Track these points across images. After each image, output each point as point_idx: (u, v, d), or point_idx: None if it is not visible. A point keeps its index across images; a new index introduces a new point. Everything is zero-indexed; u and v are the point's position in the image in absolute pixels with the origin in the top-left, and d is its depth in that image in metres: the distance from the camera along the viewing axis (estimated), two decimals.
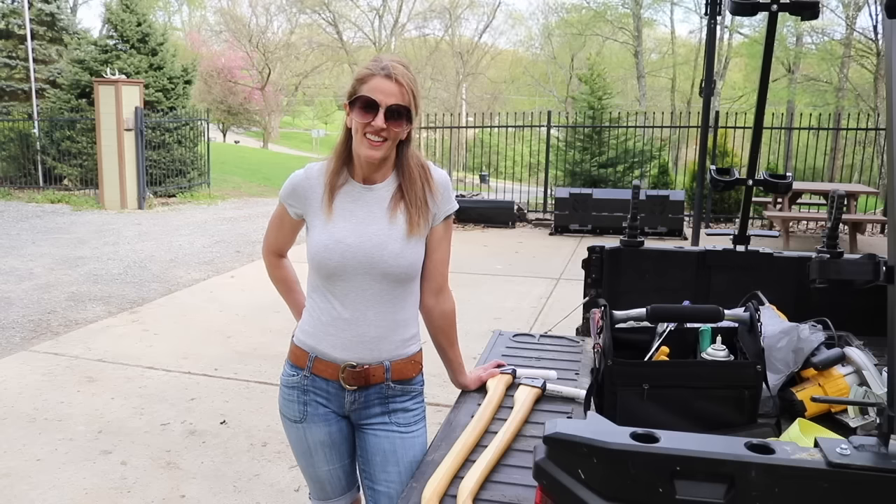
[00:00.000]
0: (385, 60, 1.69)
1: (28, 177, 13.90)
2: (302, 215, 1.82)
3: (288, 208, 1.83)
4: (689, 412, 1.60)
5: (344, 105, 1.76)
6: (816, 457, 0.99)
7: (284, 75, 38.88)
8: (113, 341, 5.24)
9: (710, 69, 5.81)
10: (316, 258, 1.74)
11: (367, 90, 1.67)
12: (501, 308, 6.18)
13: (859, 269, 1.20)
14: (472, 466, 1.50)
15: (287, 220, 1.87)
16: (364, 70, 1.70)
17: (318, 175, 1.79)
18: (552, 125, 12.02)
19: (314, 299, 1.80)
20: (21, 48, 14.60)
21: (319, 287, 1.78)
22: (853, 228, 8.87)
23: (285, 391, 1.85)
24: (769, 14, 2.30)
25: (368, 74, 1.68)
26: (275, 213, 1.90)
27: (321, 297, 1.78)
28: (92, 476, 3.31)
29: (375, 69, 1.68)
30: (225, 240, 9.40)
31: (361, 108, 1.67)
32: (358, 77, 1.70)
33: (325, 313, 1.77)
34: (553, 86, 35.01)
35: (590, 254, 2.59)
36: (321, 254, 1.73)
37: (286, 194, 1.83)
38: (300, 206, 1.81)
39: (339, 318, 1.75)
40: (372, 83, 1.67)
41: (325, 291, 1.77)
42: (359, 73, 1.71)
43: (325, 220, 1.75)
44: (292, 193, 1.81)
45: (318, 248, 1.73)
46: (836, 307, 2.09)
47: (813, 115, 11.60)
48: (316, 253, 1.74)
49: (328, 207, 1.75)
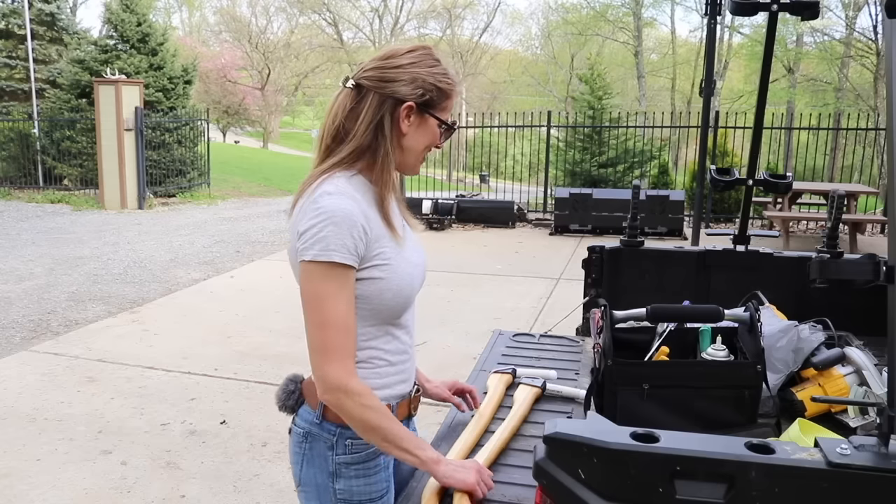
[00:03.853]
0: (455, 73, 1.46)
1: (28, 177, 13.91)
2: (362, 259, 1.36)
3: (355, 260, 1.34)
4: (689, 412, 1.60)
5: (405, 108, 1.38)
6: (816, 457, 0.99)
7: (284, 75, 38.87)
8: (113, 341, 5.24)
9: (710, 69, 5.80)
10: (401, 295, 1.41)
11: (449, 110, 1.44)
12: (501, 308, 6.18)
13: (859, 269, 1.20)
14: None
15: (353, 282, 1.36)
16: (451, 84, 1.43)
17: (361, 199, 1.37)
18: (552, 125, 12.02)
19: (373, 346, 1.43)
20: (21, 48, 14.61)
21: (383, 328, 1.44)
22: (853, 228, 8.87)
23: (369, 466, 1.45)
24: (769, 14, 2.29)
25: (454, 91, 1.44)
26: (334, 292, 1.32)
27: (383, 339, 1.45)
28: (92, 476, 3.31)
29: (456, 86, 1.45)
30: (225, 240, 9.40)
31: (446, 131, 1.45)
32: (447, 90, 1.42)
33: (393, 354, 1.47)
34: (553, 86, 34.99)
35: (590, 254, 2.59)
36: (408, 286, 1.43)
37: (355, 239, 1.32)
38: (366, 246, 1.35)
39: (405, 350, 1.50)
40: (453, 102, 1.44)
41: (391, 329, 1.46)
42: (446, 83, 1.42)
43: (398, 248, 1.41)
44: (362, 237, 1.34)
45: (402, 282, 1.41)
46: (836, 307, 2.09)
47: (813, 115, 11.60)
48: (400, 290, 1.40)
49: (396, 231, 1.42)
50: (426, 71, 1.39)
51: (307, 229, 1.32)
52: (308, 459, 1.46)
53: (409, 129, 1.40)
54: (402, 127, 1.39)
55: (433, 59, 1.42)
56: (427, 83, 1.39)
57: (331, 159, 1.41)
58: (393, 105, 1.38)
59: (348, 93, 1.41)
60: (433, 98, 1.40)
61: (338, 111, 1.41)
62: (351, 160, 1.40)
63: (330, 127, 1.42)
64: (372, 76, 1.39)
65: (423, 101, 1.39)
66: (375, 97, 1.38)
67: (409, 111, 1.39)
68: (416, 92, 1.38)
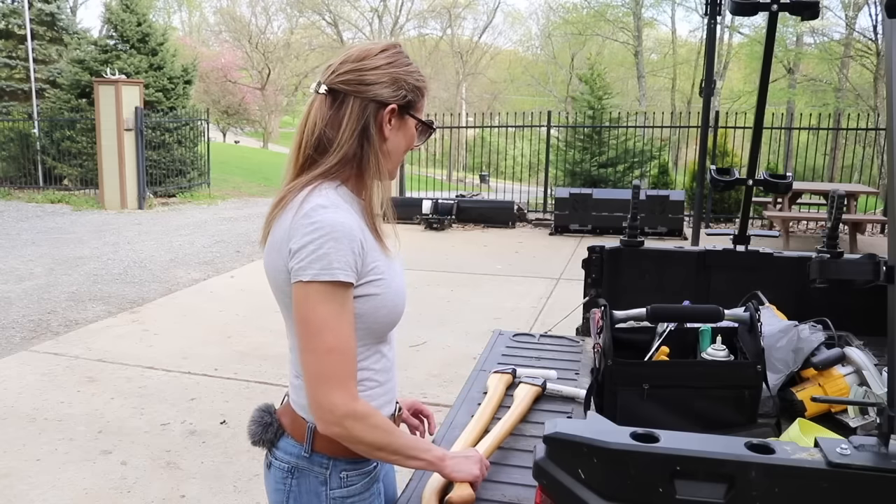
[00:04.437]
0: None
1: (28, 177, 13.91)
2: (359, 274, 1.28)
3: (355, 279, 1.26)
4: (689, 412, 1.60)
5: (388, 111, 1.31)
6: (816, 457, 0.99)
7: (284, 75, 38.87)
8: (113, 341, 5.24)
9: (710, 69, 5.81)
10: (395, 311, 1.35)
11: (423, 109, 1.39)
12: (501, 308, 6.18)
13: (859, 269, 1.20)
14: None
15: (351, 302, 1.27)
16: (424, 81, 1.38)
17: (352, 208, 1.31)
18: (552, 125, 12.02)
19: (368, 368, 1.36)
20: (21, 48, 14.61)
21: (373, 349, 1.37)
22: (853, 228, 8.87)
23: (365, 497, 1.37)
24: (769, 14, 2.30)
25: (426, 88, 1.38)
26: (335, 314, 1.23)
27: (376, 360, 1.38)
28: (92, 476, 3.31)
29: (427, 83, 1.39)
30: (225, 240, 9.40)
31: (423, 131, 1.40)
32: (424, 89, 1.37)
33: (381, 374, 1.39)
34: (553, 86, 34.99)
35: (590, 254, 2.59)
36: (401, 301, 1.36)
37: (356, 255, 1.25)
38: (362, 261, 1.28)
39: (390, 367, 1.42)
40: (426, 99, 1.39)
41: (380, 347, 1.38)
42: (421, 81, 1.37)
43: (389, 262, 1.34)
44: (360, 252, 1.26)
45: (396, 298, 1.34)
46: (836, 307, 2.09)
47: (813, 115, 11.60)
48: (395, 306, 1.34)
49: (384, 243, 1.35)
50: (403, 70, 1.33)
51: (302, 247, 1.22)
52: (295, 497, 1.35)
53: (390, 132, 1.33)
54: (385, 131, 1.32)
55: (405, 57, 1.35)
56: (407, 83, 1.33)
57: (314, 170, 1.31)
58: (376, 109, 1.30)
59: (323, 99, 1.31)
60: (412, 99, 1.34)
61: (316, 119, 1.31)
62: (336, 170, 1.31)
63: (310, 138, 1.31)
64: (349, 80, 1.30)
65: (405, 102, 1.33)
66: (356, 102, 1.29)
67: (391, 114, 1.31)
68: (398, 94, 1.31)
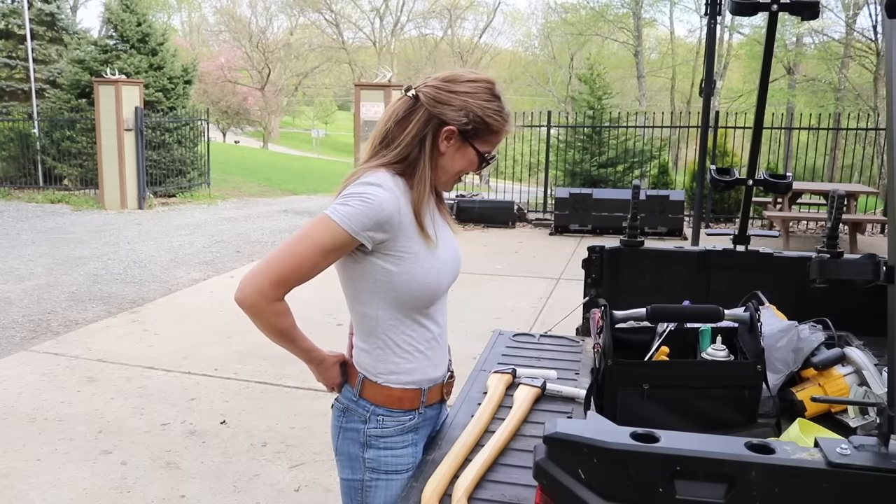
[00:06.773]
0: (509, 113, 1.56)
1: (28, 177, 13.90)
2: (382, 244, 1.49)
3: (364, 240, 1.46)
4: (689, 412, 1.60)
5: (446, 130, 1.50)
6: (816, 457, 0.99)
7: (284, 75, 38.87)
8: (113, 341, 5.24)
9: (709, 69, 5.80)
10: (427, 288, 1.55)
11: (493, 144, 1.56)
12: (501, 308, 6.18)
13: (859, 269, 1.20)
14: (469, 465, 1.51)
15: (342, 252, 1.49)
16: (501, 122, 1.54)
17: (401, 196, 1.50)
18: (552, 125, 12.02)
19: (402, 332, 1.58)
20: (21, 48, 14.60)
21: (410, 317, 1.58)
22: (853, 228, 8.87)
23: (397, 440, 1.60)
24: (769, 14, 2.29)
25: (503, 129, 1.55)
26: (322, 243, 1.44)
27: (411, 327, 1.59)
28: (92, 476, 3.31)
29: (506, 125, 1.55)
30: (225, 240, 9.40)
31: (480, 160, 1.55)
32: (494, 126, 1.53)
33: (419, 341, 1.60)
34: (553, 86, 34.99)
35: (590, 254, 2.59)
36: (434, 281, 1.55)
37: (374, 225, 1.45)
38: (390, 234, 1.48)
39: (434, 337, 1.64)
40: (500, 138, 1.57)
41: (418, 318, 1.59)
42: (495, 119, 1.53)
43: (428, 246, 1.53)
44: (386, 223, 1.46)
45: (429, 277, 1.54)
46: (836, 307, 2.09)
47: (813, 115, 11.60)
48: (426, 284, 1.54)
49: (427, 234, 1.53)
50: (478, 103, 1.50)
51: (342, 194, 1.47)
52: (343, 431, 1.63)
53: (447, 150, 1.52)
54: (441, 147, 1.52)
55: (491, 93, 1.53)
56: (474, 114, 1.50)
57: (376, 160, 1.53)
58: (437, 125, 1.50)
59: (406, 100, 1.52)
60: (477, 129, 1.51)
61: (391, 116, 1.53)
62: (393, 164, 1.51)
63: (381, 129, 1.54)
64: (428, 93, 1.51)
65: (467, 129, 1.50)
66: (425, 113, 1.50)
67: (449, 134, 1.51)
68: (461, 119, 1.50)
